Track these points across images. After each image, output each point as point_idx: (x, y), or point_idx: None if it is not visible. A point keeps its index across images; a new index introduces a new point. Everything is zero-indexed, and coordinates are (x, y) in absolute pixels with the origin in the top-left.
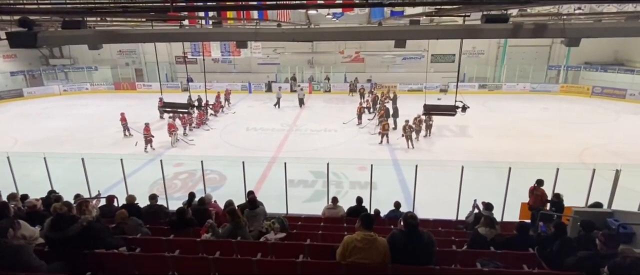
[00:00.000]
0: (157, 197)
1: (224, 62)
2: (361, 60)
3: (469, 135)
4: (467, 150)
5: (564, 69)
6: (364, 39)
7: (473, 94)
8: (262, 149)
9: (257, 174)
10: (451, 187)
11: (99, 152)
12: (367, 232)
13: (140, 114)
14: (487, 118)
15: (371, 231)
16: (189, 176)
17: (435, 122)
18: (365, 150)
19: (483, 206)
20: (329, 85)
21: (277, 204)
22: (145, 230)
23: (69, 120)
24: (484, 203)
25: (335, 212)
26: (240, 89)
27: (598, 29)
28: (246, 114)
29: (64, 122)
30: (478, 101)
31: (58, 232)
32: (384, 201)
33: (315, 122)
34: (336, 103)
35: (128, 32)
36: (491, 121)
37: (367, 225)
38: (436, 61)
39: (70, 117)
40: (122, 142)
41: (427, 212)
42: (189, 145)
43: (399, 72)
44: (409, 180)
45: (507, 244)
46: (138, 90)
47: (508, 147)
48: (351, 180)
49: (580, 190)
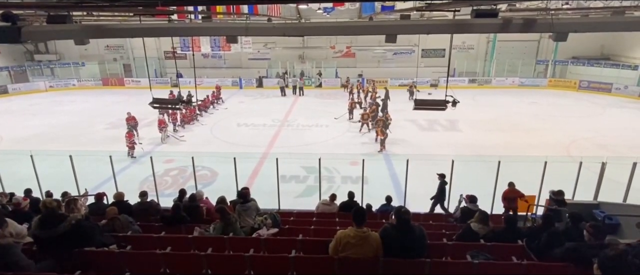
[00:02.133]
0: (147, 193)
1: (214, 57)
2: (352, 55)
3: (459, 130)
4: (458, 144)
5: (552, 63)
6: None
7: (463, 89)
8: (254, 145)
9: (249, 169)
10: None
11: (87, 149)
12: (359, 228)
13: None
14: (477, 112)
15: (363, 226)
16: (180, 172)
17: (426, 116)
18: (356, 145)
19: (467, 199)
20: (320, 80)
21: (269, 200)
22: (136, 228)
23: (55, 117)
24: (469, 196)
25: (330, 208)
26: (231, 85)
27: (585, 24)
28: (237, 110)
29: (51, 119)
30: (468, 96)
31: (47, 231)
32: (375, 196)
33: (307, 118)
34: (328, 98)
35: (115, 27)
36: (481, 115)
37: (360, 221)
38: (427, 56)
39: (57, 114)
40: (111, 139)
41: (418, 206)
42: (180, 142)
43: (390, 67)
44: (400, 174)
45: (496, 237)
46: (126, 86)
47: (497, 141)
48: (343, 175)
49: (568, 182)
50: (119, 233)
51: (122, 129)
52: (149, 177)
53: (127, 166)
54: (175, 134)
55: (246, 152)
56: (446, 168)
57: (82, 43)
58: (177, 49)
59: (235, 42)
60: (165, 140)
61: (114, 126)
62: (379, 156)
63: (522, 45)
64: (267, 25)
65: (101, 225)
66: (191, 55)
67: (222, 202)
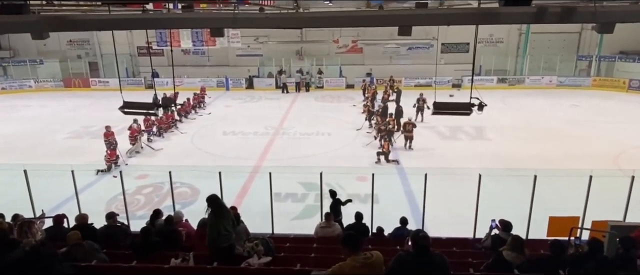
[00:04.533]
0: (116, 215)
1: (196, 53)
2: (359, 51)
3: (486, 138)
4: (485, 155)
5: (596, 59)
6: (363, 25)
7: (491, 90)
8: (243, 157)
9: (237, 186)
10: (467, 198)
11: (44, 163)
12: (358, 255)
13: (96, 118)
14: (507, 117)
15: (359, 251)
16: (155, 190)
17: (448, 122)
18: (365, 156)
19: (501, 226)
20: (322, 80)
21: (260, 223)
22: (103, 256)
23: (8, 124)
24: (502, 222)
25: (330, 231)
26: (216, 86)
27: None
28: (223, 115)
29: (2, 127)
30: (497, 98)
31: None
32: (388, 217)
33: (306, 125)
34: (330, 101)
35: (80, 18)
36: (512, 121)
37: (355, 246)
38: (447, 51)
39: (10, 121)
40: (73, 150)
41: (439, 229)
42: (155, 152)
43: (403, 64)
44: (417, 191)
45: (533, 267)
46: (92, 88)
47: (532, 151)
48: (349, 192)
49: (618, 200)
50: (82, 262)
51: (86, 139)
52: (118, 195)
53: (92, 183)
54: (151, 143)
55: (234, 166)
56: (472, 183)
57: (41, 37)
58: (153, 44)
59: (221, 35)
60: (131, 154)
61: (77, 135)
62: (391, 170)
63: (560, 38)
64: (258, 16)
65: (61, 253)
66: (169, 51)
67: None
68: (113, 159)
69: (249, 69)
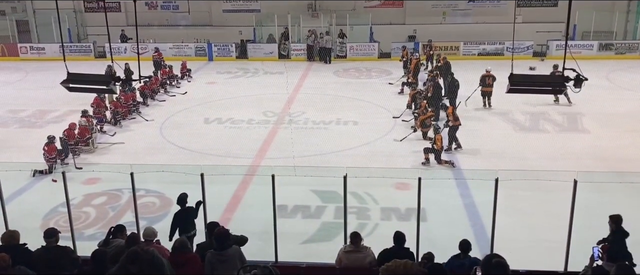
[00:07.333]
0: (57, 234)
1: (167, 8)
2: (399, 5)
3: (583, 130)
4: (582, 154)
5: None
6: None
7: (590, 60)
8: (233, 155)
9: (226, 194)
10: (556, 215)
11: None
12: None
13: (28, 98)
14: (613, 100)
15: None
16: (110, 200)
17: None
18: (406, 155)
19: (606, 255)
20: (345, 47)
21: (260, 246)
22: None
23: None
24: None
25: (359, 257)
26: (195, 54)
27: None
28: (205, 96)
29: None
30: (599, 72)
31: None
32: (441, 241)
33: (321, 110)
34: (356, 76)
35: None
36: (621, 106)
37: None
38: (527, 5)
39: None
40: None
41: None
42: (110, 148)
43: (463, 23)
44: (482, 204)
45: None
46: (23, 58)
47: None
48: (383, 206)
49: None
50: None
51: (14, 128)
52: (60, 206)
53: (23, 189)
54: (104, 135)
55: (220, 166)
56: (563, 194)
57: None
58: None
59: None
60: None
61: (2, 123)
62: (444, 174)
63: None
64: None
65: None
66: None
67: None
68: (54, 157)
69: (241, 31)
